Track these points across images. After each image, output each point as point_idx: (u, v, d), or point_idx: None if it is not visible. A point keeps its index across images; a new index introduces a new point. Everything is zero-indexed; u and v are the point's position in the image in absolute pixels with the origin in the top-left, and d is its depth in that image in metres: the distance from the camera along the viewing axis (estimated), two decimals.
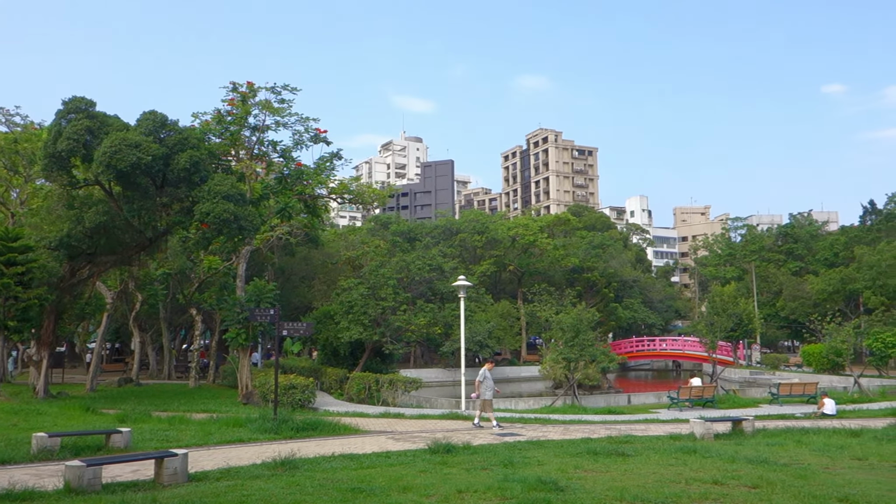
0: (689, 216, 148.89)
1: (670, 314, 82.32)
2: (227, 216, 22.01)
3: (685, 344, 58.92)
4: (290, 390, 22.95)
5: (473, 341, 47.76)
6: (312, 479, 9.98)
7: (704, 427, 16.16)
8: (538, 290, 49.73)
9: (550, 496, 8.53)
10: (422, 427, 19.01)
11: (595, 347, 30.01)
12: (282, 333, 20.16)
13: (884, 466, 11.77)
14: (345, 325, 30.64)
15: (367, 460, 12.16)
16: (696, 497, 8.73)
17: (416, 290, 35.10)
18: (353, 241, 54.02)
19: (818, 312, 42.66)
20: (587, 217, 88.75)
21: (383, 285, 31.76)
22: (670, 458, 12.34)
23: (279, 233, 34.52)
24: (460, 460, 12.04)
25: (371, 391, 27.28)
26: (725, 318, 36.74)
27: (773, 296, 63.72)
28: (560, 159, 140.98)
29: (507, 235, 63.22)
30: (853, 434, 16.00)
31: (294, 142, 29.68)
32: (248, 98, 28.40)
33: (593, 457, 12.41)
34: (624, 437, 16.20)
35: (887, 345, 36.44)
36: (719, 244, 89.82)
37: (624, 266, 72.55)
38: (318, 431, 16.90)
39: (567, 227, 74.26)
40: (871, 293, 49.35)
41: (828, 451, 13.51)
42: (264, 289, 26.70)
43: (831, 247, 68.38)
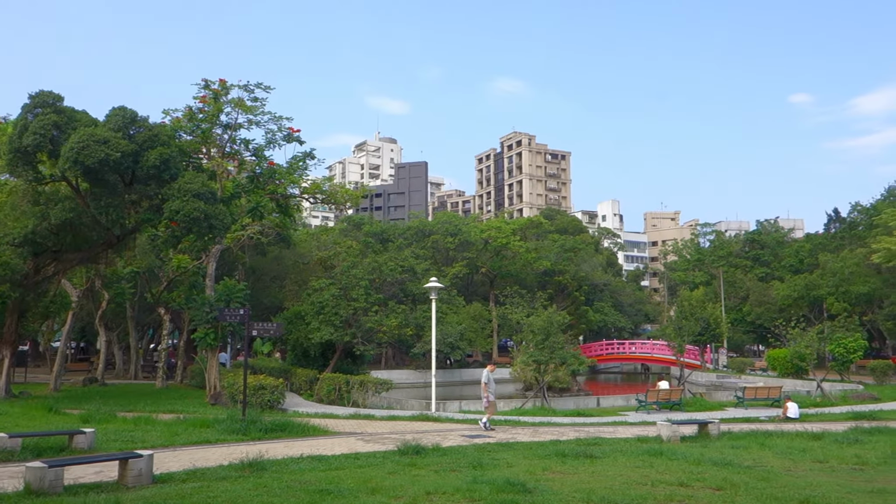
0: (659, 221, 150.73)
1: (640, 318, 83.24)
2: (197, 214, 21.77)
3: (654, 347, 59.58)
4: (260, 391, 22.74)
5: (445, 343, 47.78)
6: (280, 480, 9.92)
7: (671, 430, 16.37)
8: (510, 293, 49.92)
9: (518, 498, 8.59)
10: (392, 428, 18.97)
11: (565, 350, 30.18)
12: (251, 334, 20.00)
13: (843, 469, 12.04)
14: (315, 325, 30.48)
15: (335, 462, 12.11)
16: (661, 499, 8.85)
17: (387, 291, 35.05)
18: (325, 242, 53.71)
19: (783, 318, 43.49)
20: (559, 220, 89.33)
21: (355, 286, 31.66)
22: (637, 460, 12.49)
23: (250, 232, 34.25)
24: (430, 462, 12.05)
25: (341, 392, 27.16)
26: (693, 322, 37.27)
27: (740, 301, 64.80)
28: (533, 163, 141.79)
29: (480, 238, 63.42)
30: (815, 437, 16.33)
31: (267, 140, 29.47)
32: (221, 96, 28.13)
33: (562, 459, 12.51)
34: (592, 440, 16.34)
35: (849, 350, 37.24)
36: (688, 249, 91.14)
37: (595, 270, 73.17)
38: (287, 432, 16.77)
39: (539, 230, 74.71)
40: (834, 299, 50.43)
41: (790, 453, 13.77)
42: (234, 288, 26.45)
43: (797, 253, 69.73)
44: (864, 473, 11.52)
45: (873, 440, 15.69)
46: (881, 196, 60.51)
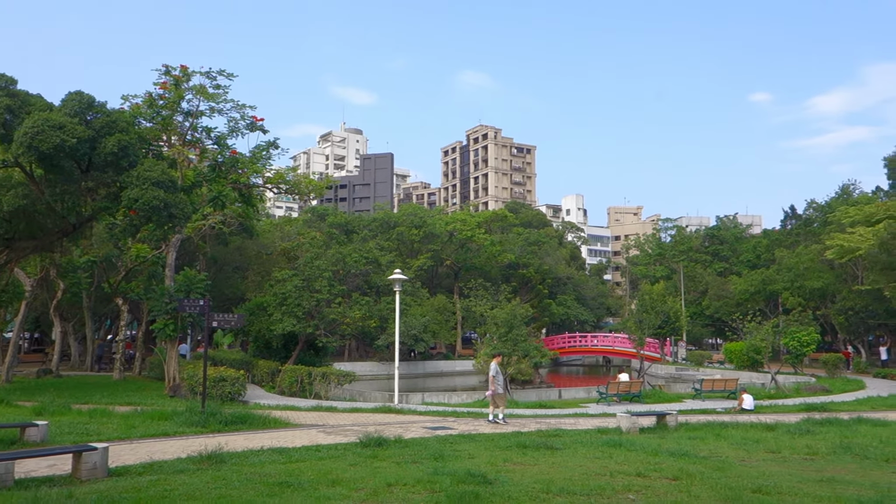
0: (622, 216, 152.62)
1: (602, 311, 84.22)
2: (156, 203, 21.34)
3: (615, 340, 60.37)
4: (220, 383, 22.46)
5: (409, 335, 47.77)
6: (239, 473, 9.81)
7: (630, 421, 16.62)
8: (474, 285, 50.16)
9: (479, 489, 8.63)
10: (354, 420, 18.91)
11: (528, 343, 30.42)
12: (212, 325, 19.70)
13: (795, 459, 12.37)
14: (278, 316, 30.18)
15: (296, 454, 12.03)
16: (619, 489, 8.98)
17: (351, 282, 34.88)
18: (288, 232, 53.16)
19: (740, 312, 44.39)
20: (524, 214, 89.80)
21: (318, 277, 31.40)
22: (597, 451, 12.66)
23: (212, 222, 33.70)
24: (391, 454, 12.04)
25: (303, 384, 26.97)
26: (654, 315, 37.83)
27: (700, 295, 65.99)
28: (499, 156, 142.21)
29: (445, 230, 63.43)
30: (768, 428, 16.73)
31: (229, 129, 28.99)
32: (182, 82, 27.56)
33: (523, 450, 12.61)
34: (553, 431, 16.51)
35: (803, 343, 38.19)
36: (650, 244, 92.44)
37: (559, 263, 73.80)
38: (248, 425, 16.61)
39: (504, 223, 75.01)
40: (789, 294, 51.64)
41: (745, 444, 14.10)
42: (195, 279, 26.04)
43: (754, 249, 71.22)
44: (815, 463, 11.84)
45: (824, 431, 16.14)
46: (835, 194, 62.07)
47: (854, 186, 61.34)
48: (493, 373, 19.07)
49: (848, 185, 62.00)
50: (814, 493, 8.91)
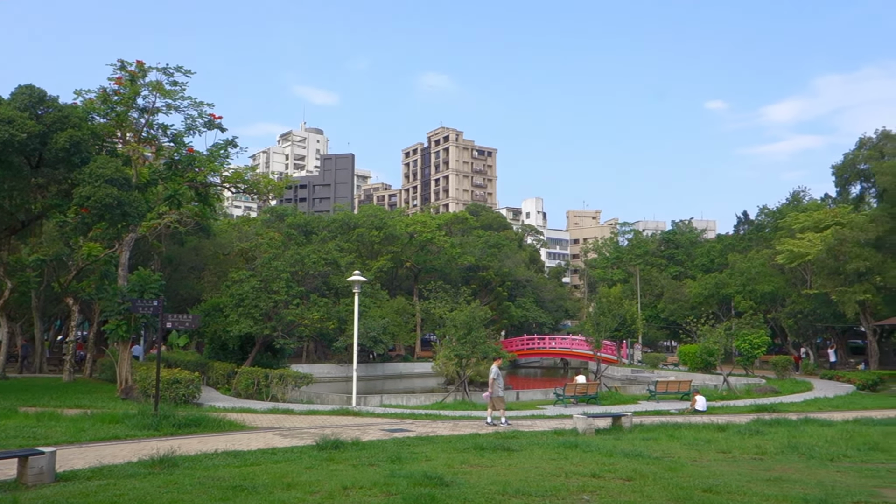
0: (581, 219, 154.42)
1: (560, 314, 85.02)
2: (109, 201, 20.89)
3: (573, 343, 60.95)
4: (174, 385, 22.03)
5: (368, 337, 47.54)
6: (192, 477, 9.65)
7: (586, 423, 16.83)
8: (434, 287, 50.19)
9: (435, 491, 8.64)
10: (311, 423, 18.76)
11: (487, 345, 30.50)
12: (166, 326, 19.36)
13: (744, 459, 12.68)
14: (234, 318, 29.75)
15: (251, 457, 11.88)
16: (574, 490, 9.09)
17: (310, 284, 34.56)
18: (246, 233, 52.39)
19: (694, 315, 45.30)
20: (484, 216, 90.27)
21: (276, 278, 31.06)
22: (553, 452, 12.78)
23: (168, 221, 33.08)
24: (348, 456, 11.98)
25: (260, 386, 26.63)
26: (610, 318, 38.31)
27: (655, 298, 67.09)
28: (460, 158, 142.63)
29: (406, 232, 63.32)
30: (720, 429, 17.11)
31: (186, 126, 28.53)
32: (138, 78, 27.04)
33: (480, 452, 12.66)
34: (510, 433, 16.61)
35: (754, 346, 39.16)
36: (608, 247, 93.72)
37: (518, 266, 74.31)
38: (202, 428, 16.34)
39: (464, 225, 75.22)
40: (741, 297, 52.89)
41: (697, 444, 14.39)
42: (149, 279, 25.49)
43: (708, 253, 72.74)
44: (763, 463, 12.15)
45: (773, 431, 16.56)
46: (786, 200, 63.80)
47: (804, 193, 63.17)
48: (494, 376, 19.18)
49: (798, 191, 63.83)
50: (762, 492, 9.14)
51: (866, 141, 40.70)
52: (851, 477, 10.57)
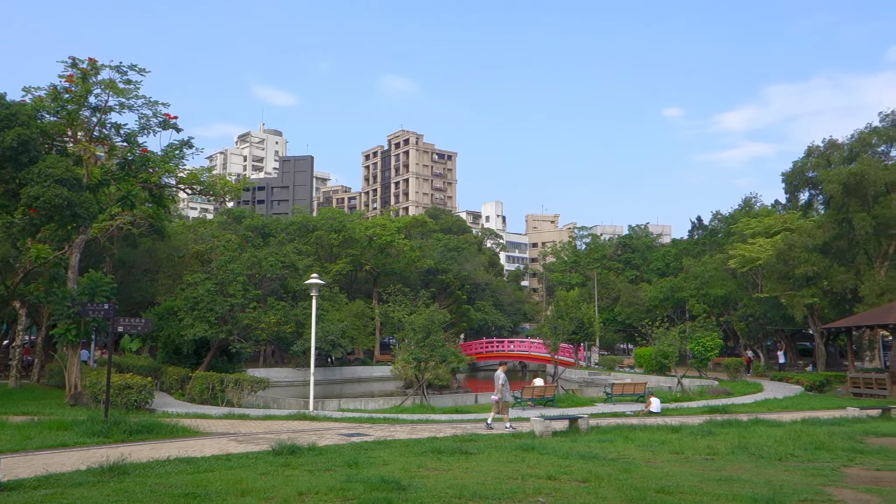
0: (539, 223, 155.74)
1: (519, 317, 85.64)
2: (59, 202, 20.33)
3: (531, 346, 61.39)
4: (125, 390, 21.52)
5: (326, 340, 47.18)
6: (143, 484, 9.43)
7: (543, 425, 16.96)
8: (393, 291, 49.97)
9: (392, 496, 8.61)
10: (267, 428, 18.51)
11: (445, 348, 30.57)
12: (117, 329, 18.90)
13: (697, 459, 12.93)
14: (189, 321, 29.19)
15: (205, 463, 11.66)
16: (530, 492, 9.15)
17: (267, 287, 34.12)
18: (202, 235, 51.52)
19: (650, 318, 46.13)
20: (444, 220, 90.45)
21: (232, 281, 30.58)
22: (510, 455, 12.84)
23: (120, 222, 32.26)
24: (304, 462, 11.85)
25: (215, 391, 26.18)
26: (568, 321, 38.80)
27: (612, 301, 68.08)
28: (420, 162, 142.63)
29: (365, 235, 63.05)
30: (673, 430, 17.42)
31: (140, 126, 27.92)
32: (90, 76, 26.38)
33: (437, 455, 12.66)
34: (468, 436, 16.64)
35: (707, 348, 39.96)
36: (566, 251, 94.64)
37: (477, 269, 74.61)
38: (154, 434, 15.98)
39: (424, 228, 75.27)
40: (695, 301, 54.02)
41: (651, 446, 14.62)
42: (100, 282, 24.88)
43: (663, 258, 74.12)
44: (715, 463, 12.41)
45: (724, 432, 16.93)
46: (738, 206, 65.35)
47: (755, 199, 64.80)
48: (503, 381, 19.57)
49: (750, 198, 65.44)
50: (713, 491, 9.33)
51: (814, 149, 41.97)
52: (798, 476, 10.87)
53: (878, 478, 10.80)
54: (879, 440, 15.56)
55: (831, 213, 39.43)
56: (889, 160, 39.61)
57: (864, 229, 36.05)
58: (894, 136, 38.97)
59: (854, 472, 11.40)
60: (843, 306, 39.42)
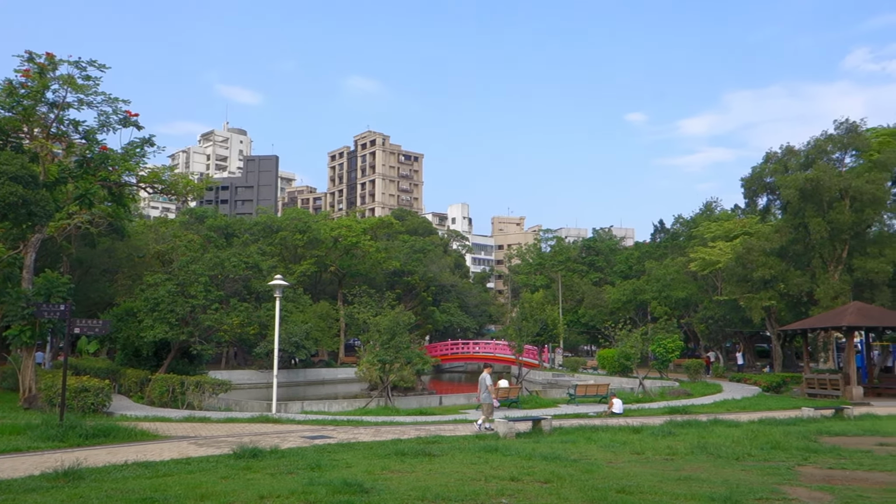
0: (505, 226, 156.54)
1: (484, 318, 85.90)
2: (13, 199, 19.83)
3: (496, 347, 61.65)
4: (82, 393, 21.03)
5: (290, 342, 46.76)
6: (99, 490, 9.23)
7: (507, 426, 17.04)
8: (358, 292, 49.72)
9: (354, 498, 8.57)
10: (229, 431, 18.26)
11: (410, 350, 30.48)
12: (74, 331, 18.46)
13: (657, 459, 13.13)
14: (149, 323, 28.66)
15: (163, 468, 11.47)
16: (493, 493, 9.19)
17: (230, 288, 33.68)
18: (163, 234, 50.66)
19: (613, 320, 46.62)
20: (410, 221, 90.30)
21: (194, 282, 30.12)
22: (474, 456, 12.89)
23: (78, 221, 31.54)
24: (266, 465, 11.74)
25: (175, 394, 25.74)
26: (533, 323, 39.00)
27: (576, 303, 68.74)
28: (387, 163, 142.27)
29: (330, 236, 62.64)
30: (635, 431, 17.66)
31: (100, 123, 27.39)
32: (47, 71, 25.78)
33: (401, 457, 12.64)
34: (432, 438, 16.64)
35: (668, 350, 40.61)
36: (531, 254, 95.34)
37: (443, 271, 74.65)
38: (111, 438, 15.65)
39: (390, 230, 75.07)
40: (657, 303, 54.82)
41: (612, 446, 14.80)
42: (56, 282, 24.27)
43: (626, 260, 75.06)
44: (674, 463, 12.61)
45: (684, 432, 17.22)
46: (699, 210, 66.50)
47: (716, 204, 66.06)
48: (490, 382, 20.23)
49: (711, 202, 66.70)
50: (672, 491, 9.49)
51: (772, 155, 42.89)
52: (755, 475, 11.10)
53: (830, 476, 11.09)
54: (832, 439, 15.98)
55: (788, 218, 40.35)
56: (843, 167, 40.68)
57: (819, 234, 36.97)
58: (848, 144, 39.99)
59: (808, 470, 11.69)
60: (800, 309, 40.35)
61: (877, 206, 37.49)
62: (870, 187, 36.15)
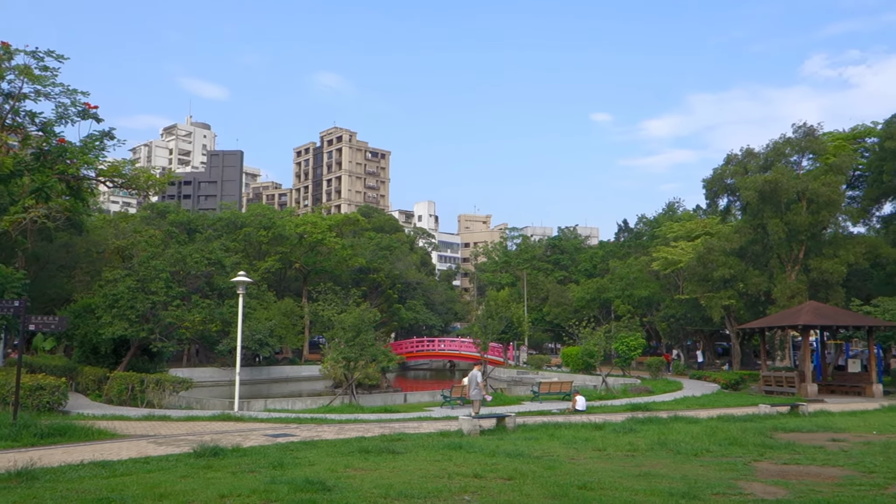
0: (472, 224, 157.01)
1: (450, 316, 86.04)
2: None
3: (461, 345, 61.77)
4: (37, 391, 20.49)
5: (253, 339, 46.28)
6: (53, 490, 9.02)
7: (471, 424, 17.10)
8: (324, 289, 49.41)
9: (317, 497, 8.52)
10: (189, 430, 18.00)
11: (375, 347, 30.35)
12: (29, 328, 18.00)
13: (618, 455, 13.30)
14: (108, 319, 28.07)
15: (121, 467, 11.26)
16: (456, 490, 9.21)
17: (192, 284, 33.14)
18: (124, 230, 49.59)
19: (577, 318, 47.13)
20: (376, 219, 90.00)
21: (155, 278, 29.58)
22: (438, 454, 12.90)
23: (34, 215, 30.76)
24: (227, 463, 11.60)
25: (135, 392, 25.27)
26: (498, 320, 39.19)
27: (541, 301, 69.27)
28: (353, 159, 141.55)
29: (295, 232, 62.10)
30: (597, 427, 17.85)
31: (58, 115, 26.79)
32: (2, 60, 25.16)
33: (365, 455, 12.60)
34: (396, 435, 16.62)
35: (631, 348, 41.24)
36: (497, 252, 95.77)
37: (409, 268, 74.59)
38: (67, 437, 15.32)
39: (356, 227, 74.71)
40: (620, 302, 55.57)
41: (575, 443, 14.95)
42: (10, 277, 23.68)
43: (591, 259, 75.90)
44: (635, 459, 12.79)
45: (645, 429, 17.47)
46: (662, 210, 67.62)
47: (678, 204, 67.22)
48: (479, 379, 21.10)
49: (673, 202, 67.86)
50: (632, 487, 9.62)
51: (733, 157, 43.77)
52: (713, 470, 11.32)
53: (784, 471, 11.36)
54: (788, 435, 16.38)
55: (747, 219, 41.22)
56: (801, 169, 41.71)
57: (777, 235, 37.84)
58: (806, 147, 41.01)
59: (764, 466, 11.96)
60: (758, 308, 41.25)
61: (832, 209, 38.52)
62: (826, 190, 37.11)
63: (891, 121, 40.00)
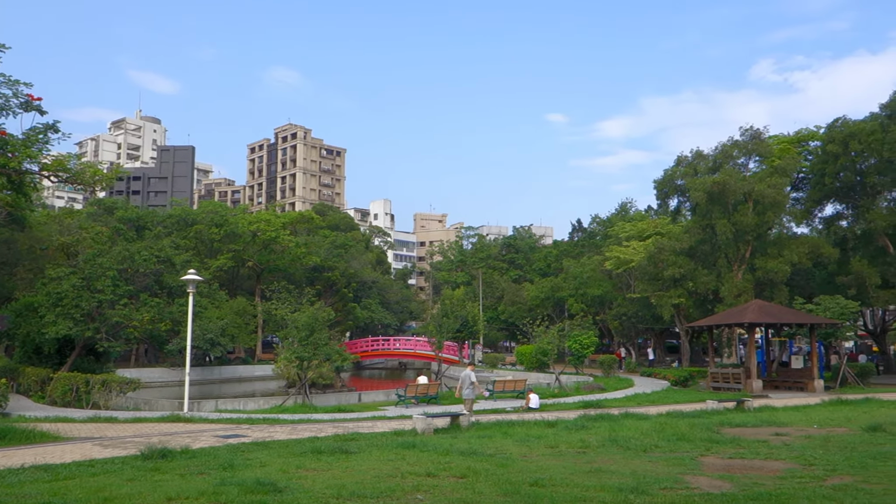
0: (427, 223, 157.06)
1: (405, 315, 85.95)
2: None
3: (416, 344, 61.68)
4: None
5: (204, 339, 45.42)
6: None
7: (425, 422, 17.11)
8: (277, 288, 48.81)
9: (267, 498, 8.42)
10: (137, 431, 17.58)
11: (329, 346, 30.12)
12: None
13: (570, 452, 13.46)
14: (51, 318, 27.25)
15: (65, 470, 10.92)
16: (409, 489, 9.21)
17: (140, 282, 32.42)
18: (69, 226, 48.13)
19: (531, 316, 47.58)
20: (331, 217, 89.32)
21: (101, 276, 28.82)
22: (391, 453, 12.87)
23: None
24: (176, 466, 11.36)
25: (80, 393, 24.58)
26: (453, 319, 39.28)
27: (496, 300, 69.71)
28: (308, 157, 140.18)
29: (248, 230, 61.16)
30: (550, 425, 18.03)
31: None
32: None
33: (317, 455, 12.48)
34: (350, 435, 16.51)
35: (584, 346, 41.81)
36: (452, 251, 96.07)
37: (364, 267, 74.22)
38: (7, 440, 14.81)
39: (311, 225, 73.98)
40: (574, 300, 56.27)
41: (528, 441, 15.07)
42: None
43: (545, 258, 76.72)
44: (587, 456, 12.97)
45: (597, 426, 17.73)
46: (615, 210, 68.70)
47: (631, 204, 68.39)
48: (474, 379, 21.27)
49: (626, 203, 69.02)
50: (583, 483, 9.76)
51: (683, 159, 44.71)
52: (661, 466, 11.56)
53: (730, 465, 11.67)
54: (733, 430, 16.82)
55: (697, 220, 42.18)
56: (748, 171, 42.84)
57: (724, 235, 38.84)
58: (752, 150, 42.15)
59: (710, 460, 12.26)
60: (706, 306, 42.26)
61: (777, 210, 39.71)
62: (771, 192, 38.22)
63: (833, 125, 41.43)
